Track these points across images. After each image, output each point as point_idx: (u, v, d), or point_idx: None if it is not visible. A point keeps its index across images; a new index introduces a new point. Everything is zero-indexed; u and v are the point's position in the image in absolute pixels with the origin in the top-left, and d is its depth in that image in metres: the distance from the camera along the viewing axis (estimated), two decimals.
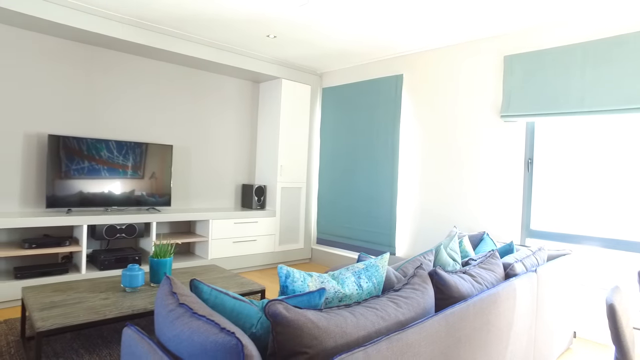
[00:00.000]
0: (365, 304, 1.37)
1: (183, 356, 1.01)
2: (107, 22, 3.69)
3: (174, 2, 3.41)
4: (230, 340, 0.91)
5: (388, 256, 1.74)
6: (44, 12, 3.36)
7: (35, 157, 3.78)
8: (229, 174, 5.13)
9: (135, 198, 4.17)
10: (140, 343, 1.12)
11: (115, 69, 4.21)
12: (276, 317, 1.07)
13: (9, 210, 3.67)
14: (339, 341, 1.14)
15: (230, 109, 5.11)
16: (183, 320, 1.05)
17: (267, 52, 4.66)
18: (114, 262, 3.81)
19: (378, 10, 3.41)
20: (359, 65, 4.98)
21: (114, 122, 4.21)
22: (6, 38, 3.61)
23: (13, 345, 2.62)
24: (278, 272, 1.45)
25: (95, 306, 2.40)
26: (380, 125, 4.69)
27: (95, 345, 2.66)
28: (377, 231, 4.68)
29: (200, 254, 4.55)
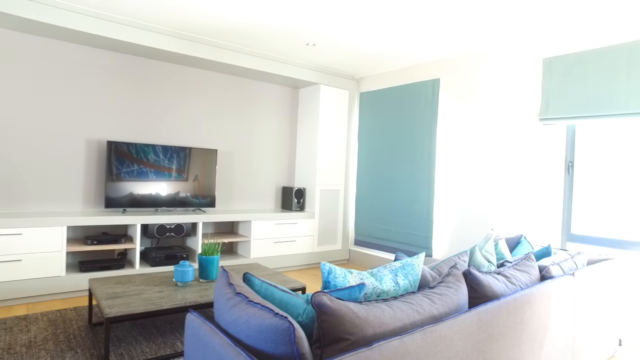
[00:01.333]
0: (401, 299, 1.48)
1: (241, 337, 1.17)
2: (158, 35, 3.98)
3: (219, 15, 3.64)
4: (283, 323, 1.06)
5: (424, 256, 1.84)
6: (103, 30, 3.69)
7: (95, 161, 4.13)
8: (270, 176, 5.35)
9: (183, 199, 4.45)
10: (203, 326, 1.29)
11: (164, 79, 4.51)
12: (321, 307, 1.21)
13: (73, 210, 4.03)
14: (377, 330, 1.27)
15: (271, 115, 5.33)
16: (240, 307, 1.21)
17: (306, 58, 4.83)
18: (164, 259, 4.09)
19: (416, 15, 3.50)
20: (396, 70, 5.07)
21: (163, 128, 4.52)
22: (71, 55, 3.98)
23: (82, 330, 2.91)
24: (321, 269, 1.59)
25: (152, 298, 2.64)
26: (417, 129, 4.75)
27: (151, 333, 2.90)
28: (414, 233, 4.74)
29: (243, 253, 4.77)
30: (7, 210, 3.73)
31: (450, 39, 3.99)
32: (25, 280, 3.44)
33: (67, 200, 4.00)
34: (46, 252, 3.52)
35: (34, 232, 3.47)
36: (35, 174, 3.84)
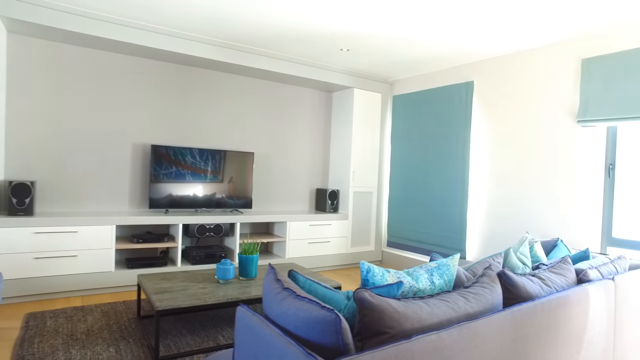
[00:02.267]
0: (437, 297, 1.55)
1: (289, 328, 1.28)
2: (200, 45, 4.18)
3: (256, 24, 3.80)
4: (330, 315, 1.16)
5: (458, 256, 1.90)
6: (149, 41, 3.92)
7: (140, 164, 4.38)
8: (304, 178, 5.48)
9: (221, 201, 4.64)
10: (253, 318, 1.41)
11: (205, 85, 4.73)
12: (363, 302, 1.30)
13: (121, 210, 4.29)
14: (415, 325, 1.35)
15: (306, 118, 5.46)
16: (288, 300, 1.32)
17: (340, 63, 4.93)
18: (204, 258, 4.29)
19: (449, 18, 3.54)
20: (430, 73, 5.09)
21: (203, 132, 4.73)
22: (120, 65, 4.24)
23: (132, 322, 3.12)
24: (360, 267, 1.68)
25: (197, 293, 2.80)
26: (450, 131, 4.76)
27: (194, 327, 3.07)
28: (446, 235, 4.75)
29: (278, 253, 4.92)
30: (65, 209, 4.02)
31: (484, 41, 4.00)
32: (80, 275, 3.70)
33: (115, 201, 4.26)
34: (98, 249, 3.78)
35: (88, 230, 3.73)
36: (88, 176, 4.12)
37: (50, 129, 3.95)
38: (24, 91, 3.83)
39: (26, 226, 3.48)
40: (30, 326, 2.98)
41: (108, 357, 2.55)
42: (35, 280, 3.53)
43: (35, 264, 3.53)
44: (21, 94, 3.82)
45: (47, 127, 3.94)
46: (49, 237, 3.57)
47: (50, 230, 3.57)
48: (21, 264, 3.47)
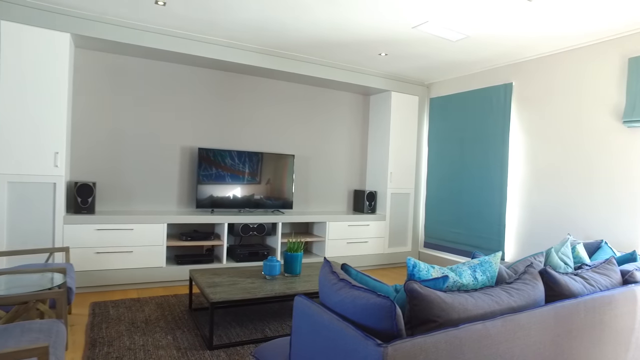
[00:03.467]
0: (481, 291, 1.65)
1: (347, 314, 1.42)
2: (245, 52, 4.40)
3: (300, 33, 3.98)
4: (386, 302, 1.29)
5: (500, 254, 1.98)
6: (197, 50, 4.17)
7: (187, 166, 4.65)
8: (342, 180, 5.62)
9: (263, 201, 4.84)
10: (312, 307, 1.56)
11: (247, 90, 4.95)
12: (413, 292, 1.42)
13: (170, 209, 4.56)
14: (461, 315, 1.45)
15: (343, 121, 5.60)
16: (345, 290, 1.46)
17: (378, 67, 5.04)
18: (248, 255, 4.50)
19: (486, 20, 3.59)
20: (467, 75, 5.12)
21: (246, 136, 4.95)
22: (169, 73, 4.53)
23: (185, 313, 3.35)
24: (407, 263, 1.80)
25: (246, 288, 2.99)
26: (488, 133, 4.77)
27: (242, 320, 3.26)
28: (484, 236, 4.76)
29: (318, 252, 5.08)
30: (120, 208, 4.34)
31: (524, 41, 4.01)
32: (135, 269, 3.98)
33: (165, 201, 4.54)
34: (151, 245, 4.05)
35: (142, 228, 4.01)
36: (141, 177, 4.42)
37: (109, 135, 4.27)
38: (87, 101, 4.17)
39: (89, 223, 3.79)
40: (97, 314, 3.26)
41: (167, 343, 2.77)
42: (97, 273, 3.84)
43: (96, 258, 3.84)
44: (84, 103, 4.15)
45: (106, 133, 4.26)
46: (109, 233, 3.87)
47: (110, 228, 3.87)
48: (85, 257, 3.79)
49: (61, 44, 3.64)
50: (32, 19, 3.50)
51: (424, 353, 1.25)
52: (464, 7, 3.25)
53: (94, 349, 2.65)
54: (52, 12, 3.57)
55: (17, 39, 3.47)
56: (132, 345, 2.72)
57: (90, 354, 2.57)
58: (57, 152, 3.66)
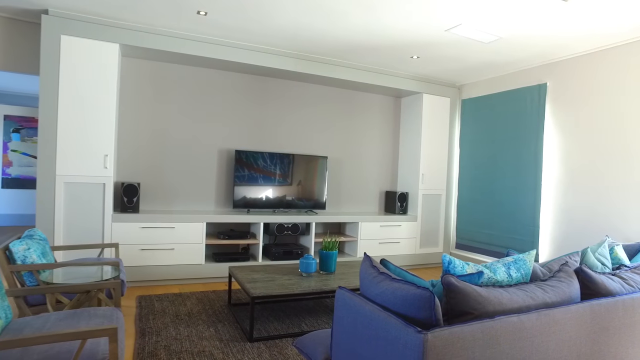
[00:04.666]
0: (516, 287, 1.71)
1: (387, 305, 1.51)
2: (280, 57, 4.56)
3: (333, 37, 4.09)
4: (426, 293, 1.37)
5: (535, 252, 2.02)
6: (234, 56, 4.35)
7: (225, 168, 4.84)
8: (374, 181, 5.69)
9: (297, 202, 4.98)
10: (353, 298, 1.66)
11: (282, 94, 5.11)
12: (450, 286, 1.50)
13: (208, 209, 4.76)
14: (497, 308, 1.52)
15: (375, 123, 5.68)
16: (386, 282, 1.55)
17: (410, 70, 5.10)
18: (282, 254, 4.64)
19: (519, 21, 3.60)
20: (499, 76, 5.10)
21: (281, 138, 5.11)
22: (207, 78, 4.74)
23: (224, 308, 3.52)
24: (442, 260, 1.87)
25: (284, 284, 3.12)
26: (522, 134, 4.74)
27: (279, 315, 3.40)
28: (517, 238, 4.72)
29: (350, 252, 5.17)
30: (162, 207, 4.57)
31: (559, 41, 3.98)
32: (176, 266, 4.20)
33: (203, 201, 4.75)
34: (191, 243, 4.25)
35: (183, 227, 4.21)
36: (181, 178, 4.64)
37: (152, 138, 4.52)
38: (132, 106, 4.42)
39: (134, 221, 4.03)
40: (143, 306, 3.47)
41: (210, 335, 2.93)
42: (141, 268, 4.07)
43: (141, 254, 4.07)
44: (130, 109, 4.41)
45: (149, 136, 4.50)
46: (152, 231, 4.09)
47: (153, 226, 4.10)
48: (131, 253, 4.02)
49: (111, 54, 3.89)
50: (86, 32, 3.77)
51: (461, 341, 1.33)
52: (497, 10, 3.28)
53: (144, 337, 2.84)
54: (104, 24, 3.83)
55: (73, 51, 3.74)
56: (178, 336, 2.90)
57: (141, 342, 2.76)
58: (107, 154, 3.91)
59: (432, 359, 1.27)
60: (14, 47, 3.94)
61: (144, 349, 2.66)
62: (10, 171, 7.73)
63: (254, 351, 2.70)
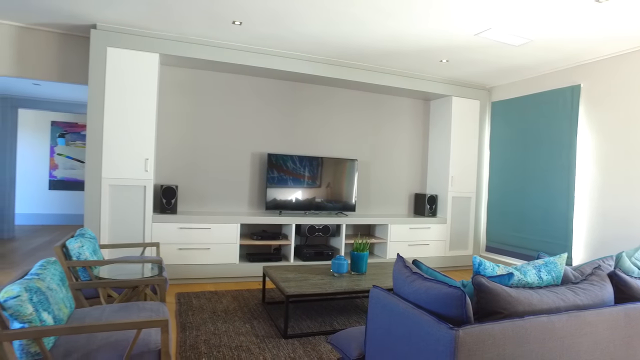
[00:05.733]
0: (546, 289, 1.75)
1: (420, 303, 1.59)
2: (311, 63, 4.68)
3: (361, 44, 4.18)
4: (457, 291, 1.45)
5: (566, 255, 2.04)
6: (266, 63, 4.50)
7: (257, 171, 5.00)
8: (403, 183, 5.74)
9: (327, 204, 5.09)
10: (387, 296, 1.74)
11: (313, 99, 5.23)
12: (480, 286, 1.57)
13: (241, 211, 4.94)
14: (526, 308, 1.57)
15: (404, 126, 5.73)
16: (419, 282, 1.63)
17: (438, 73, 5.12)
18: (314, 255, 4.76)
19: (555, 23, 3.58)
20: (531, 78, 5.05)
21: (311, 141, 5.23)
22: (241, 84, 4.92)
23: (258, 306, 3.66)
24: (472, 261, 1.93)
25: (317, 283, 3.23)
26: (553, 136, 4.68)
27: (311, 314, 3.51)
28: (549, 241, 4.67)
29: (379, 253, 5.23)
30: (198, 209, 4.77)
31: (593, 42, 3.93)
32: (212, 265, 4.38)
33: (237, 203, 4.93)
34: (226, 243, 4.43)
35: (218, 228, 4.39)
36: (215, 181, 4.83)
37: (188, 142, 4.73)
38: (170, 112, 4.65)
39: (172, 222, 4.23)
40: (182, 303, 3.66)
41: (246, 331, 3.07)
42: (179, 267, 4.27)
43: (179, 253, 4.27)
44: (168, 115, 4.64)
45: (186, 140, 4.72)
46: (189, 232, 4.29)
47: (190, 226, 4.29)
48: (169, 252, 4.23)
49: (151, 63, 4.11)
50: (129, 43, 4.00)
51: (492, 338, 1.40)
52: (527, 13, 3.29)
53: (185, 331, 3.01)
54: (145, 36, 4.05)
55: (118, 61, 3.98)
56: (217, 331, 3.05)
57: (183, 336, 2.92)
58: (147, 158, 4.13)
59: (464, 354, 1.34)
60: (65, 59, 4.22)
61: (185, 342, 2.83)
62: (56, 174, 8.20)
63: (288, 347, 2.82)
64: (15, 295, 1.52)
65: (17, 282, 1.60)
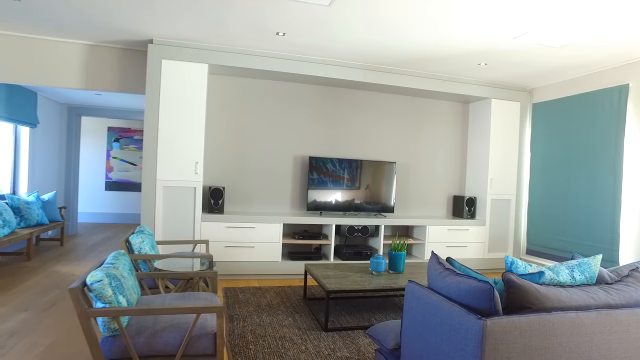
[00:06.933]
0: (577, 287, 1.82)
1: (452, 296, 1.71)
2: (352, 70, 4.85)
3: (401, 50, 4.30)
4: (486, 285, 1.56)
5: (601, 257, 2.09)
6: (308, 70, 4.71)
7: (299, 173, 5.22)
8: (441, 185, 5.78)
9: (365, 205, 5.22)
10: (422, 290, 1.88)
11: (352, 103, 5.39)
12: (510, 282, 1.67)
13: (284, 211, 5.17)
14: (555, 304, 1.66)
15: (442, 128, 5.77)
16: (451, 277, 1.76)
17: (477, 76, 5.14)
18: (353, 254, 4.91)
19: (598, 23, 3.55)
20: (574, 79, 4.96)
21: (351, 145, 5.39)
22: (285, 91, 5.15)
23: (300, 302, 3.86)
24: (505, 260, 2.02)
25: (356, 280, 3.39)
26: (599, 138, 4.59)
27: (350, 310, 3.66)
28: (594, 245, 4.57)
29: (417, 254, 5.31)
30: (243, 209, 5.05)
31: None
32: (256, 262, 4.63)
33: (279, 203, 5.16)
34: (269, 242, 4.67)
35: (262, 227, 4.64)
36: (259, 182, 5.10)
37: (234, 146, 5.02)
38: (217, 118, 4.96)
39: (220, 221, 4.52)
40: (229, 296, 3.92)
41: (289, 324, 3.27)
42: (226, 263, 4.55)
43: (226, 251, 4.55)
44: (215, 120, 4.95)
45: (232, 144, 5.01)
46: (235, 230, 4.56)
47: (236, 226, 4.56)
48: (217, 249, 4.52)
49: (201, 73, 4.42)
50: (181, 55, 4.33)
51: (518, 330, 1.50)
52: (568, 15, 3.30)
53: (233, 322, 3.25)
54: (196, 48, 4.37)
55: (171, 72, 4.32)
56: (261, 323, 3.27)
57: (231, 326, 3.17)
58: (197, 161, 4.44)
59: (491, 343, 1.46)
60: (125, 71, 4.62)
61: (233, 331, 3.06)
62: (111, 175, 8.82)
63: (328, 339, 3.00)
64: (99, 279, 1.78)
65: (98, 269, 1.87)
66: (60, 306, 3.48)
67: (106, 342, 1.89)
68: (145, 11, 3.55)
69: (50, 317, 3.22)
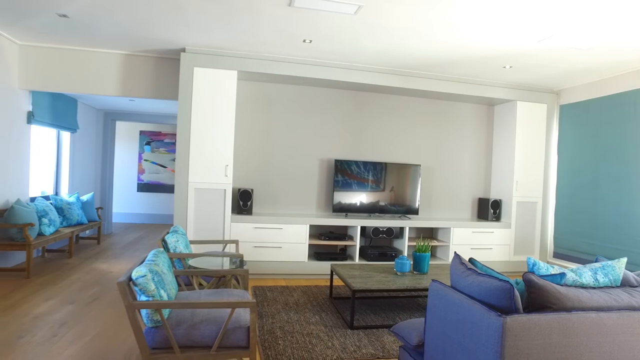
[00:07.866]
0: (599, 289, 1.86)
1: (473, 295, 1.79)
2: (375, 74, 4.93)
3: (424, 55, 4.36)
4: (506, 284, 1.64)
5: (625, 260, 2.11)
6: (331, 75, 4.82)
7: (325, 175, 5.34)
8: (466, 188, 5.78)
9: (390, 207, 5.29)
10: (445, 289, 1.96)
11: (377, 107, 5.48)
12: (530, 282, 1.73)
13: (310, 213, 5.29)
14: (575, 305, 1.71)
15: (467, 131, 5.78)
16: (473, 276, 1.84)
17: (502, 79, 5.14)
18: (377, 255, 4.99)
19: (626, 23, 3.53)
20: (602, 80, 4.90)
21: (375, 148, 5.47)
22: (309, 96, 5.29)
23: (326, 301, 3.97)
24: (527, 262, 2.08)
25: (381, 280, 3.47)
26: (629, 140, 4.52)
27: (375, 309, 3.75)
28: (623, 249, 4.50)
29: (441, 256, 5.34)
30: (270, 210, 5.20)
31: None
32: (283, 262, 4.77)
33: (306, 205, 5.29)
34: (296, 242, 4.80)
35: (289, 228, 4.78)
36: (286, 185, 5.24)
37: (262, 149, 5.18)
38: (246, 123, 5.13)
39: (248, 222, 4.68)
40: (257, 294, 4.07)
41: (316, 321, 3.39)
42: (254, 263, 4.71)
43: (254, 251, 4.71)
44: (244, 124, 5.13)
45: (260, 148, 5.17)
46: (263, 231, 4.71)
47: (264, 226, 4.72)
48: (245, 249, 4.68)
49: (230, 80, 4.60)
50: (212, 63, 4.52)
51: (538, 328, 1.57)
52: (594, 17, 3.29)
53: (262, 319, 3.39)
54: (226, 55, 4.55)
55: (202, 79, 4.51)
56: (289, 320, 3.40)
57: (260, 322, 3.31)
58: (227, 164, 4.62)
59: (511, 339, 1.53)
60: (158, 79, 4.86)
61: (263, 327, 3.20)
62: (143, 177, 9.17)
63: (354, 336, 3.10)
64: (143, 274, 1.95)
65: (142, 265, 2.03)
66: (101, 300, 3.71)
67: (149, 332, 2.05)
68: (180, 22, 3.75)
69: (94, 310, 3.44)
